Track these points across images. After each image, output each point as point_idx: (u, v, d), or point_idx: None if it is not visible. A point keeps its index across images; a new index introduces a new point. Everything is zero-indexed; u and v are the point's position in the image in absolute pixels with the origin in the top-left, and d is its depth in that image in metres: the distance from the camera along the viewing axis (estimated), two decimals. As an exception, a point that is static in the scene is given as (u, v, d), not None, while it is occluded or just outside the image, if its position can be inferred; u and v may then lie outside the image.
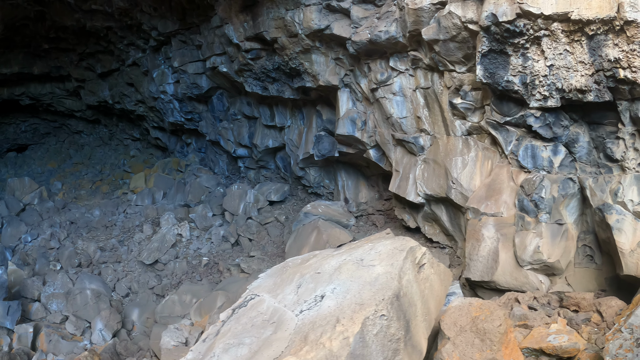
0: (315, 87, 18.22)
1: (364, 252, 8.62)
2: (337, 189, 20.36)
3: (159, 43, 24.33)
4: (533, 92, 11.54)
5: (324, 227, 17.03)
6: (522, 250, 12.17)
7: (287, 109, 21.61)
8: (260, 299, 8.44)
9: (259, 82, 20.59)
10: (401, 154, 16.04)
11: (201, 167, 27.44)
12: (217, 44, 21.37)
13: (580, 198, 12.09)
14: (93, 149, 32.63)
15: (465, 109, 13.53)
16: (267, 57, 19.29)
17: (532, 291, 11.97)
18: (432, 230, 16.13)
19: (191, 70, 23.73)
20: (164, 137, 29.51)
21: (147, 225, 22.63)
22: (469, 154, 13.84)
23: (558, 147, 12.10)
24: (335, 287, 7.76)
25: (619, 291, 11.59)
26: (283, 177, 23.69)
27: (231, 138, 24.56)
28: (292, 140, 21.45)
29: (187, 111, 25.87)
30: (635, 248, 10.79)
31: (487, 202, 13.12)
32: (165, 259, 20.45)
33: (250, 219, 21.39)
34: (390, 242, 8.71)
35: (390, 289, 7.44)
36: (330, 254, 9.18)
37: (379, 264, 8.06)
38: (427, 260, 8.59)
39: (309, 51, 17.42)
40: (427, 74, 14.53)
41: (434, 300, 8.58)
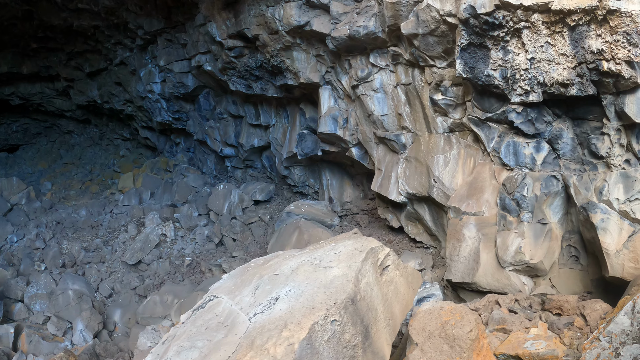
0: (297, 85, 17.61)
1: (324, 252, 7.97)
2: (322, 188, 19.72)
3: (146, 42, 23.78)
4: (514, 86, 10.89)
5: (305, 227, 16.39)
6: (503, 251, 11.52)
7: (271, 107, 20.98)
8: (218, 300, 7.85)
9: (242, 80, 19.95)
10: (383, 152, 15.40)
11: (189, 167, 26.81)
12: (201, 42, 20.76)
13: (565, 196, 11.45)
14: (83, 149, 32.01)
15: (447, 105, 12.88)
16: (250, 55, 18.66)
17: (514, 293, 11.32)
18: (416, 230, 15.49)
19: (177, 69, 23.11)
20: (153, 136, 28.88)
21: (132, 226, 22.03)
22: (450, 152, 13.19)
23: (541, 144, 11.44)
24: (290, 290, 7.13)
25: (606, 293, 10.99)
26: (269, 177, 23.06)
27: (218, 137, 23.93)
28: (276, 139, 20.81)
29: (175, 110, 25.23)
30: (621, 249, 10.14)
31: (468, 201, 12.47)
32: (149, 259, 19.85)
33: (234, 218, 20.77)
34: (352, 242, 8.04)
35: (345, 292, 6.78)
36: (293, 254, 8.54)
37: (336, 266, 7.40)
38: (392, 262, 7.92)
39: (289, 48, 16.78)
40: (407, 70, 13.89)
41: (399, 304, 7.91)
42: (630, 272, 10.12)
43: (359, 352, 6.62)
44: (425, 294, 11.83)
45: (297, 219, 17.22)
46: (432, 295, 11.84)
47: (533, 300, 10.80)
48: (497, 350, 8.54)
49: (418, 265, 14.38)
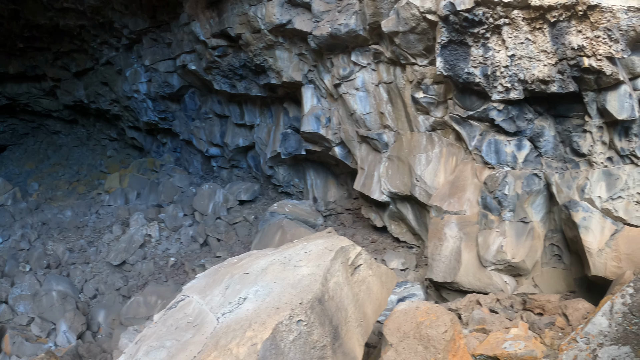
0: (280, 84, 17.36)
1: (295, 251, 7.71)
2: (306, 187, 19.44)
3: (131, 41, 23.49)
4: (495, 84, 10.65)
5: (288, 227, 16.12)
6: (485, 250, 11.28)
7: (256, 107, 20.69)
8: (189, 300, 7.58)
9: (227, 79, 19.67)
10: (366, 151, 15.14)
11: (176, 167, 26.47)
12: (186, 41, 20.49)
13: (547, 195, 11.22)
14: (71, 149, 31.62)
15: (428, 103, 12.64)
16: (233, 54, 18.39)
17: (496, 293, 11.08)
18: (399, 229, 15.24)
19: (162, 69, 22.81)
20: (140, 136, 28.53)
21: (117, 226, 21.70)
22: (433, 150, 12.95)
23: (522, 142, 11.20)
24: (258, 289, 6.87)
25: (589, 292, 10.76)
26: (255, 177, 22.75)
27: (203, 137, 23.62)
28: (261, 139, 20.53)
29: (161, 110, 24.90)
30: (604, 247, 9.92)
31: (450, 199, 12.22)
32: (133, 260, 19.55)
33: (219, 218, 20.47)
34: (323, 241, 7.78)
35: (312, 292, 6.52)
36: (265, 253, 8.27)
37: (305, 265, 7.14)
38: (364, 261, 7.65)
39: (272, 47, 16.52)
40: (389, 68, 13.65)
41: (372, 304, 7.64)
42: (613, 271, 9.90)
43: (328, 353, 6.35)
44: (407, 294, 11.59)
45: (280, 218, 16.95)
46: (413, 295, 11.61)
47: (515, 299, 10.57)
48: (475, 351, 8.30)
49: (401, 265, 14.13)
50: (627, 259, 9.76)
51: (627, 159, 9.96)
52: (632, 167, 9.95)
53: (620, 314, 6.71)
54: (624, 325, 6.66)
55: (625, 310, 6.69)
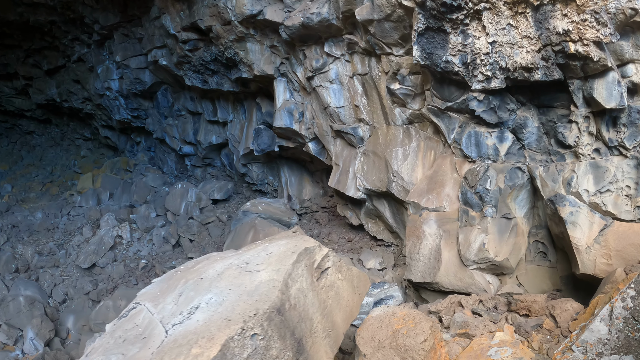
0: (252, 78, 16.45)
1: (254, 254, 6.83)
2: (281, 185, 18.54)
3: (103, 37, 22.46)
4: (474, 72, 9.84)
5: (261, 226, 15.23)
6: (466, 248, 10.46)
7: (229, 103, 19.73)
8: (140, 308, 6.69)
9: (198, 75, 18.70)
10: (341, 146, 14.27)
11: (149, 167, 25.41)
12: (157, 36, 19.48)
13: (531, 189, 10.45)
14: (45, 149, 30.49)
15: (405, 95, 11.80)
16: (204, 48, 17.43)
17: (478, 293, 10.31)
18: (376, 227, 14.39)
19: (134, 65, 21.77)
20: (114, 136, 27.45)
21: (87, 228, 20.64)
22: (410, 144, 12.12)
23: (504, 134, 10.40)
24: (212, 297, 5.99)
25: (576, 291, 10.09)
26: (229, 175, 21.79)
27: (176, 135, 22.60)
28: (234, 136, 19.57)
29: (133, 108, 23.83)
30: (592, 244, 9.16)
31: (428, 195, 11.39)
32: (103, 263, 18.55)
33: (191, 218, 19.51)
34: (286, 242, 6.91)
35: (269, 300, 5.64)
36: (224, 256, 7.37)
37: (264, 269, 6.27)
38: (332, 264, 6.78)
39: (243, 39, 15.60)
40: (364, 59, 12.80)
41: (341, 311, 6.78)
42: (603, 269, 9.15)
43: (291, 369, 5.49)
44: (383, 296, 10.74)
45: (253, 218, 16.04)
46: (391, 297, 10.76)
47: (499, 300, 9.78)
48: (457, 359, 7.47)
49: (378, 265, 13.31)
50: (617, 255, 9.02)
51: (615, 150, 9.23)
52: (621, 159, 9.20)
53: (621, 319, 5.89)
54: (626, 332, 5.84)
55: (626, 315, 5.86)
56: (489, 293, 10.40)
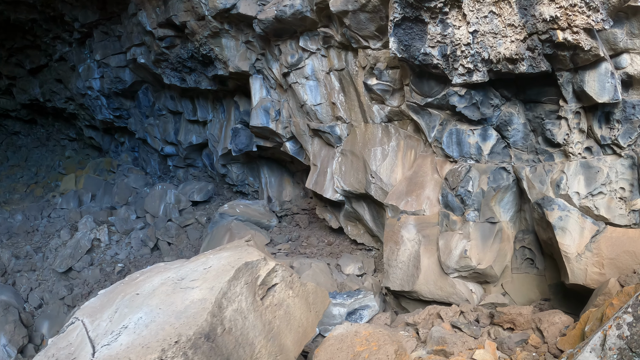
0: (228, 75, 15.33)
1: (194, 267, 5.87)
2: (261, 186, 17.44)
3: (83, 35, 21.40)
4: (455, 65, 8.83)
5: (237, 229, 14.16)
6: (446, 255, 9.43)
7: (208, 101, 18.62)
8: (77, 324, 6.11)
9: (176, 73, 17.61)
10: (318, 145, 13.22)
11: (132, 167, 24.23)
12: (135, 33, 18.40)
13: (516, 191, 9.45)
14: (30, 150, 29.35)
15: (383, 91, 10.76)
16: (181, 45, 16.35)
17: (460, 303, 9.29)
18: (356, 230, 13.34)
19: (114, 64, 20.66)
20: (98, 136, 26.30)
21: (65, 230, 19.51)
22: (389, 144, 11.08)
23: (488, 131, 9.37)
24: (141, 317, 5.14)
25: (566, 300, 9.27)
26: (210, 176, 20.65)
27: (158, 135, 21.46)
28: (213, 136, 18.46)
29: (115, 108, 22.69)
30: (583, 251, 8.17)
31: (407, 198, 10.35)
32: (79, 267, 17.46)
33: (170, 221, 18.36)
34: (229, 254, 5.92)
35: (196, 325, 4.69)
36: (168, 267, 6.38)
37: (199, 287, 5.32)
38: (281, 279, 5.77)
39: (218, 35, 14.52)
40: (340, 54, 11.75)
41: (292, 332, 5.78)
42: (595, 279, 8.17)
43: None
44: (358, 306, 9.68)
45: (229, 220, 14.96)
46: (366, 307, 9.72)
47: (481, 312, 8.77)
48: (432, 385, 6.47)
49: (357, 270, 12.26)
50: (610, 264, 8.05)
51: (608, 149, 8.26)
52: (614, 158, 8.22)
53: (615, 350, 4.85)
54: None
55: (622, 346, 4.82)
56: (472, 303, 9.39)
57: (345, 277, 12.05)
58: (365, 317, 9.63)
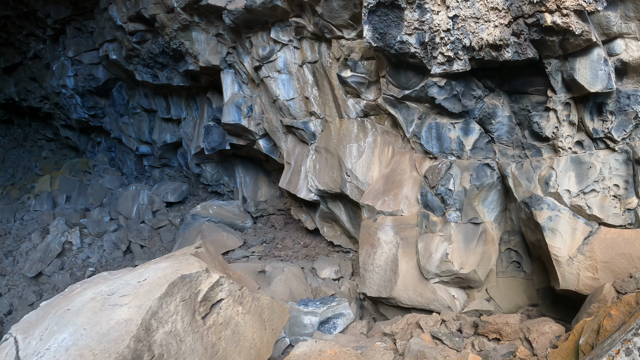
0: (199, 70, 14.30)
1: (129, 279, 4.98)
2: (236, 186, 16.39)
3: (56, 32, 20.38)
4: (434, 53, 7.91)
5: (208, 232, 13.17)
6: (426, 259, 8.49)
7: (181, 99, 17.54)
8: (10, 341, 5.06)
9: (148, 69, 16.54)
10: (292, 143, 12.25)
11: (108, 168, 23.03)
12: (107, 29, 17.34)
13: (501, 189, 8.54)
14: (7, 151, 28.08)
15: (358, 83, 9.81)
16: (152, 40, 15.32)
17: (443, 310, 8.38)
18: (333, 232, 12.39)
19: (87, 61, 19.54)
20: (74, 136, 25.08)
21: (36, 234, 18.35)
22: (365, 140, 10.14)
23: (470, 125, 8.45)
24: (65, 337, 4.36)
25: (555, 305, 8.46)
26: (186, 176, 19.53)
27: (132, 134, 20.33)
28: (187, 134, 17.38)
29: (90, 107, 21.50)
30: (575, 254, 7.27)
31: (384, 197, 9.41)
32: (49, 271, 16.34)
33: (143, 222, 17.24)
34: (168, 264, 4.97)
35: (116, 352, 3.84)
36: (107, 277, 5.39)
37: (128, 304, 4.43)
38: (228, 294, 4.84)
39: (188, 28, 13.51)
40: (313, 45, 10.80)
41: (242, 355, 4.90)
42: (587, 284, 7.28)
43: None
44: (331, 314, 8.72)
45: (201, 222, 13.95)
46: (340, 315, 8.76)
47: (464, 321, 7.85)
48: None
49: (334, 274, 11.33)
50: (604, 268, 7.16)
51: (601, 143, 7.37)
52: (608, 153, 7.33)
53: (627, 380, 3.90)
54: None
55: (636, 376, 3.87)
56: (454, 310, 8.48)
57: (321, 282, 11.12)
58: (340, 326, 8.67)
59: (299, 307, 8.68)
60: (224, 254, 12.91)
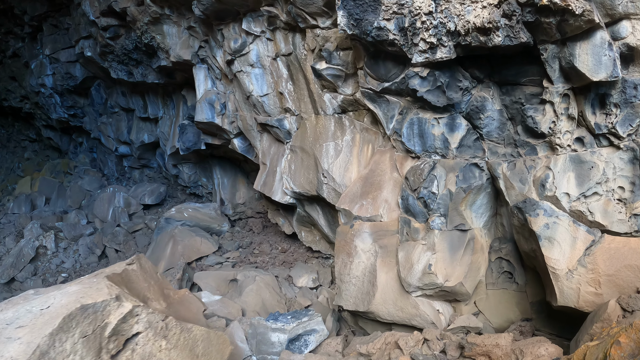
0: (171, 66, 13.15)
1: (35, 305, 3.91)
2: (214, 188, 15.21)
3: (34, 29, 19.23)
4: (415, 40, 6.79)
5: (180, 237, 12.04)
6: (407, 270, 7.38)
7: (158, 97, 16.34)
8: None
9: (123, 66, 15.37)
10: (268, 142, 11.14)
11: (89, 169, 21.75)
12: (82, 25, 16.18)
13: (492, 192, 7.45)
14: (-10, 152, 26.92)
15: (334, 76, 8.70)
16: (125, 35, 14.18)
17: (426, 326, 7.30)
18: (311, 237, 11.29)
19: (64, 59, 18.37)
20: (56, 136, 23.80)
21: (11, 238, 17.14)
22: (343, 138, 9.04)
23: (456, 120, 7.35)
24: None
25: (551, 320, 7.36)
26: (166, 177, 18.30)
27: (111, 134, 19.10)
28: (164, 133, 16.19)
29: (69, 106, 20.25)
30: (575, 267, 6.16)
31: (362, 201, 8.30)
32: (22, 277, 15.13)
33: (119, 226, 16.03)
34: (75, 290, 3.93)
35: None
36: (29, 298, 4.20)
37: (22, 338, 3.45)
38: (147, 326, 3.78)
39: (159, 21, 12.36)
40: (287, 36, 9.69)
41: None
42: (589, 300, 6.18)
43: None
44: (302, 331, 7.60)
45: (175, 226, 12.81)
46: (312, 332, 7.64)
47: (449, 341, 6.75)
48: None
49: (312, 282, 10.24)
50: (608, 282, 6.06)
51: (604, 140, 6.27)
52: (612, 151, 6.23)
53: None
54: None
55: None
56: (439, 327, 7.38)
57: (297, 291, 10.02)
58: (312, 344, 7.56)
59: (266, 323, 7.57)
60: (197, 260, 11.80)
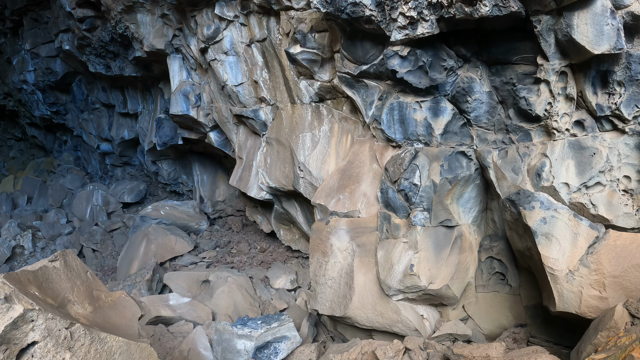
0: (146, 57, 12.19)
1: None
2: (194, 185, 14.21)
3: (15, 24, 18.28)
4: (393, 15, 5.88)
5: (154, 235, 11.08)
6: (387, 272, 6.43)
7: (137, 91, 15.35)
8: None
9: (100, 59, 14.41)
10: (244, 135, 10.18)
11: (73, 167, 20.72)
12: (61, 17, 15.20)
13: (481, 184, 6.52)
14: (-24, 151, 25.86)
15: (310, 61, 7.75)
16: (102, 27, 13.22)
17: (409, 333, 6.35)
18: (290, 235, 10.35)
19: (44, 54, 17.41)
20: (40, 134, 22.78)
21: (-13, 237, 16.13)
22: (320, 128, 8.10)
23: (440, 104, 6.40)
24: None
25: (547, 326, 6.42)
26: (147, 175, 17.28)
27: (93, 131, 18.11)
28: (143, 129, 15.18)
29: (51, 103, 19.23)
30: (577, 267, 5.24)
31: (339, 195, 7.35)
32: (-4, 278, 14.08)
33: (96, 225, 15.03)
34: None
35: None
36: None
37: None
38: (45, 335, 2.92)
39: (132, 9, 11.42)
40: (261, 20, 8.74)
41: None
42: (593, 305, 5.27)
43: None
44: (271, 338, 6.64)
45: (150, 224, 11.84)
46: (283, 339, 6.68)
47: (434, 350, 5.83)
48: None
49: (289, 284, 9.31)
50: (614, 284, 5.16)
51: (606, 123, 5.35)
52: (616, 135, 5.32)
53: None
54: None
55: None
56: (423, 334, 6.44)
57: (274, 293, 9.08)
58: (282, 352, 6.61)
59: (232, 329, 6.62)
60: (172, 260, 10.84)
